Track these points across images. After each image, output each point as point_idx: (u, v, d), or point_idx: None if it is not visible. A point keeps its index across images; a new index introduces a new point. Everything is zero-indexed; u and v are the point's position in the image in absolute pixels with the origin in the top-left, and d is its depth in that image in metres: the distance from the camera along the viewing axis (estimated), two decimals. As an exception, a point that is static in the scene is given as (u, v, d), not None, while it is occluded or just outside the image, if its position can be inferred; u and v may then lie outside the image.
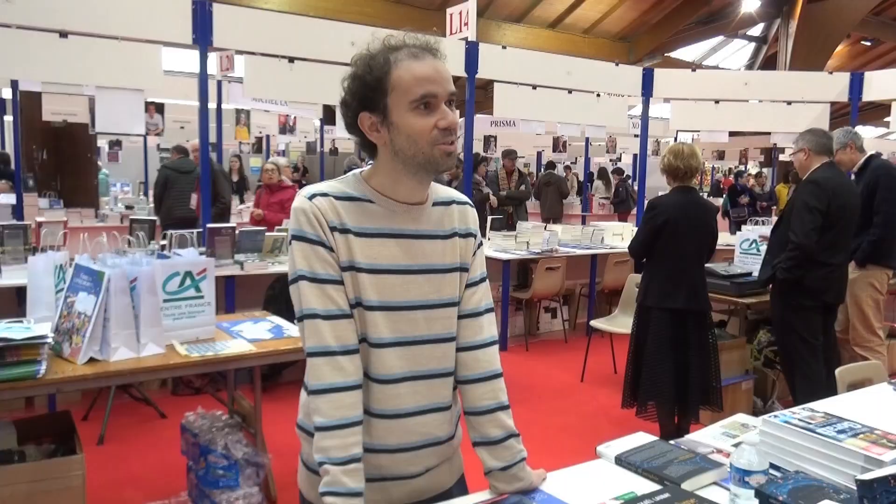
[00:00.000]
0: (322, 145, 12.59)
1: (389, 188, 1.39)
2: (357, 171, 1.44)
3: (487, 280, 1.55)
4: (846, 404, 1.95)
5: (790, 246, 3.79)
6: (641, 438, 1.76)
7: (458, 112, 1.37)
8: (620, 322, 5.28)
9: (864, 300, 4.46)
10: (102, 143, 12.70)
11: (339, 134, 9.53)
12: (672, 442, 1.75)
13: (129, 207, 9.68)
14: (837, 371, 2.67)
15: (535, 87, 6.50)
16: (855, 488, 1.17)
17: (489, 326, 1.51)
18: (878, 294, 4.52)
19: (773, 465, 1.45)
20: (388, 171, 1.38)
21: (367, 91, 1.32)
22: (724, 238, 5.28)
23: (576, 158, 15.56)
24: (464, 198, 1.53)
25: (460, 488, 1.58)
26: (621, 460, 1.64)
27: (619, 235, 7.41)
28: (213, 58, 5.40)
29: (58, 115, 7.78)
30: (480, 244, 1.54)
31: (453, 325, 1.47)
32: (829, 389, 2.77)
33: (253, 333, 3.03)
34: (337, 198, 1.36)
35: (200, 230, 4.72)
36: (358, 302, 1.36)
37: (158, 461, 3.70)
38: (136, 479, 3.51)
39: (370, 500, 1.40)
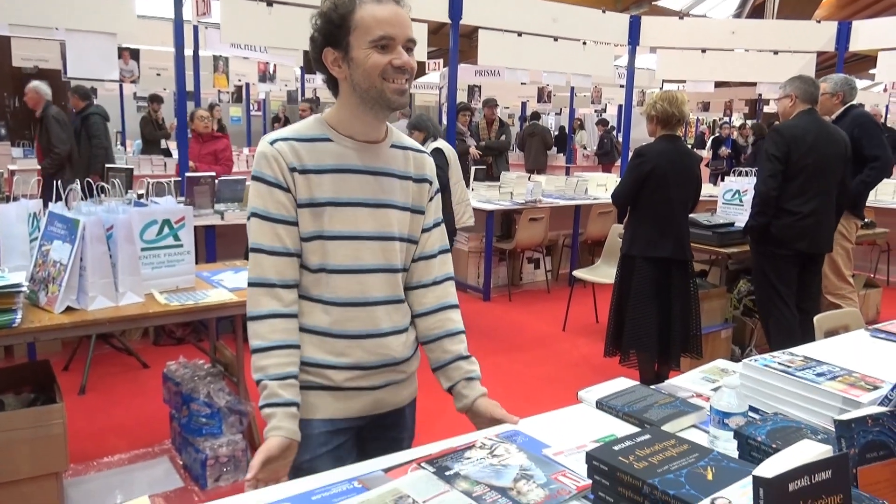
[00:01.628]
0: (303, 94, 12.36)
1: (348, 125, 1.49)
2: (318, 114, 1.55)
3: (443, 225, 1.67)
4: (825, 349, 1.97)
5: (754, 194, 3.85)
6: (622, 384, 1.77)
7: (414, 57, 1.47)
8: (603, 272, 5.31)
9: (835, 249, 4.51)
10: (77, 90, 12.34)
11: (321, 82, 9.34)
12: (652, 387, 1.76)
13: (106, 157, 9.46)
14: (815, 318, 2.70)
15: (520, 35, 6.38)
16: (833, 429, 1.18)
17: (441, 266, 1.65)
18: (847, 242, 4.58)
19: (752, 408, 1.46)
20: (348, 107, 1.48)
21: (332, 28, 1.42)
22: (706, 189, 5.29)
23: (560, 109, 15.42)
24: (422, 148, 1.65)
25: (411, 410, 1.70)
26: (602, 404, 1.65)
27: (602, 186, 7.40)
28: (188, 1, 5.22)
29: (29, 60, 7.54)
30: (438, 191, 1.65)
31: (402, 259, 1.57)
32: (807, 337, 2.81)
33: (234, 282, 3.00)
34: (297, 140, 1.46)
35: (177, 181, 4.63)
36: (320, 233, 1.46)
37: (141, 410, 3.70)
38: (118, 428, 3.51)
39: (331, 410, 1.52)
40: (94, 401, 3.84)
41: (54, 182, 2.87)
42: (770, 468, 0.88)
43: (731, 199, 5.18)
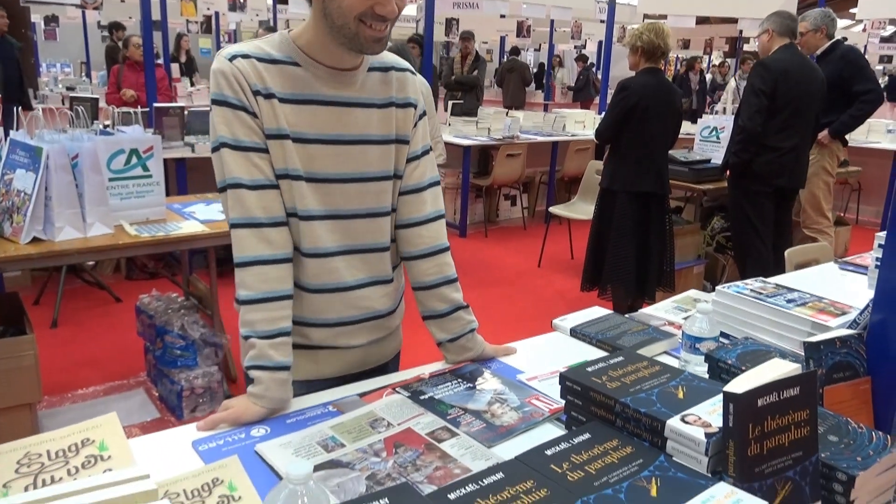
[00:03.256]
0: (275, 24, 11.95)
1: (318, 50, 1.28)
2: (285, 31, 1.33)
3: (432, 152, 1.48)
4: (795, 280, 2.00)
5: (737, 129, 3.84)
6: (596, 312, 1.78)
7: (401, 6, 1.24)
8: (579, 209, 5.32)
9: (816, 184, 4.55)
10: (37, 17, 11.82)
11: (294, 11, 9.01)
12: (626, 315, 1.78)
13: (70, 88, 9.15)
14: (786, 252, 2.74)
15: (499, -36, 6.18)
16: (801, 353, 1.20)
17: (433, 201, 1.46)
18: (829, 177, 4.62)
19: (723, 334, 1.48)
20: (316, 32, 1.27)
21: None
22: (683, 126, 5.28)
23: (539, 45, 15.15)
24: (405, 64, 1.43)
25: (395, 365, 1.58)
26: (576, 332, 1.67)
27: (580, 123, 7.34)
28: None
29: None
30: (423, 114, 1.45)
31: (388, 200, 1.41)
32: (778, 270, 2.85)
33: (206, 215, 2.95)
34: (259, 59, 1.25)
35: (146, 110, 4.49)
36: (286, 173, 1.28)
37: (115, 344, 3.68)
38: (92, 360, 3.49)
39: (309, 371, 1.41)
40: (66, 334, 3.81)
41: (14, 109, 2.76)
42: (740, 385, 0.89)
43: (708, 135, 5.18)
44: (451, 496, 0.85)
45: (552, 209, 5.43)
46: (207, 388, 2.92)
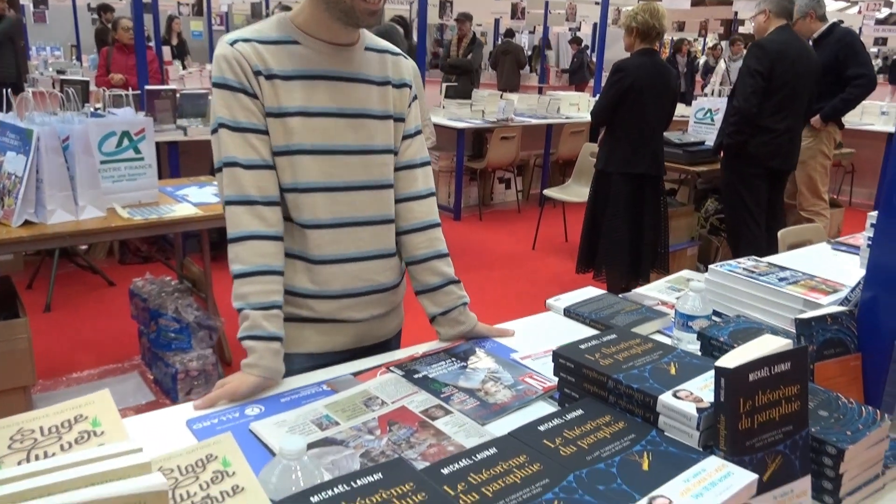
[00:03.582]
0: (268, 7, 11.85)
1: (315, 27, 1.33)
2: (283, 13, 1.38)
3: (423, 134, 1.54)
4: (788, 259, 2.01)
5: (732, 111, 3.82)
6: (590, 292, 1.79)
7: None
8: (573, 191, 5.31)
9: (814, 167, 4.55)
10: (26, 0, 11.68)
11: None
12: (619, 296, 1.78)
13: (60, 72, 9.06)
14: (779, 233, 2.74)
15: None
16: (793, 331, 1.20)
17: (425, 179, 1.51)
18: (826, 160, 4.62)
19: (715, 313, 1.49)
20: (312, 9, 1.32)
21: None
22: (678, 108, 5.27)
23: (534, 27, 15.06)
24: (397, 49, 1.49)
25: (397, 342, 1.60)
26: (570, 312, 1.67)
27: (575, 105, 7.32)
28: None
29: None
30: (416, 97, 1.51)
31: (389, 173, 1.45)
32: (771, 251, 2.86)
33: (199, 197, 2.94)
34: (260, 42, 1.30)
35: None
36: (288, 147, 1.32)
37: (109, 327, 3.67)
38: (86, 344, 3.49)
39: (315, 343, 1.43)
40: (60, 318, 3.80)
41: (3, 90, 2.74)
42: (732, 360, 0.90)
43: (702, 117, 5.18)
44: (445, 471, 0.85)
45: (546, 192, 5.42)
46: (202, 371, 2.92)
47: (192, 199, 2.89)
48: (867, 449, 0.99)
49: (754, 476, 0.84)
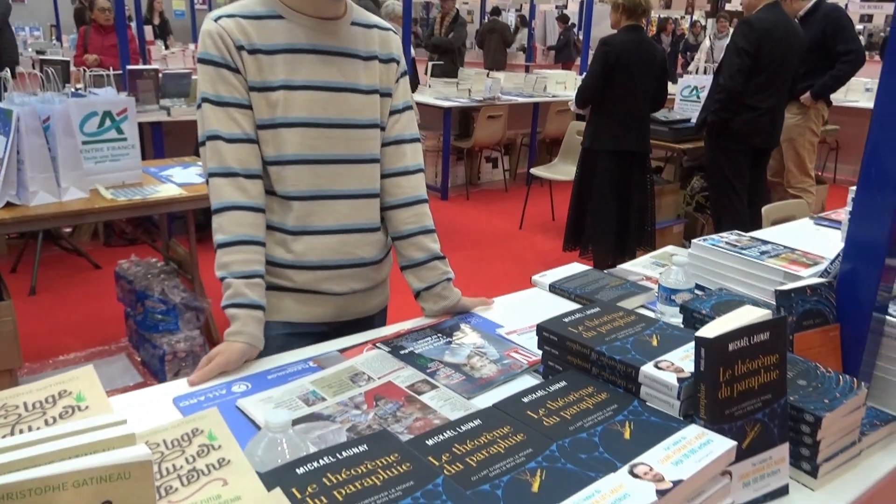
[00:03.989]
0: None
1: (298, 2, 1.35)
2: None
3: (413, 110, 1.54)
4: (771, 234, 2.03)
5: (717, 88, 3.83)
6: (576, 268, 1.80)
7: None
8: (560, 170, 5.32)
9: (802, 144, 4.58)
10: (2, -21, 11.43)
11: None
12: (605, 271, 1.80)
13: (39, 52, 8.91)
14: (763, 209, 2.76)
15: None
16: (774, 303, 1.22)
17: (413, 155, 1.51)
18: (814, 137, 4.65)
19: (698, 287, 1.50)
20: None
21: None
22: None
23: (521, 5, 14.95)
24: (386, 24, 1.50)
25: (381, 320, 1.61)
26: (555, 288, 1.69)
27: (562, 84, 7.30)
28: None
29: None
30: (404, 73, 1.51)
31: (373, 147, 1.45)
32: (754, 227, 2.88)
33: (183, 178, 2.92)
34: (244, 17, 1.32)
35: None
36: (272, 121, 1.34)
37: (95, 310, 3.66)
38: (73, 327, 3.48)
39: (294, 312, 1.44)
40: (46, 301, 3.78)
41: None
42: (712, 330, 0.91)
43: (688, 95, 5.18)
44: (429, 442, 0.87)
45: (533, 170, 5.43)
46: (190, 352, 2.92)
47: (177, 180, 2.87)
48: (844, 416, 1.01)
49: (733, 443, 0.86)
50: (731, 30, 8.31)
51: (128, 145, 2.77)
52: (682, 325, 1.31)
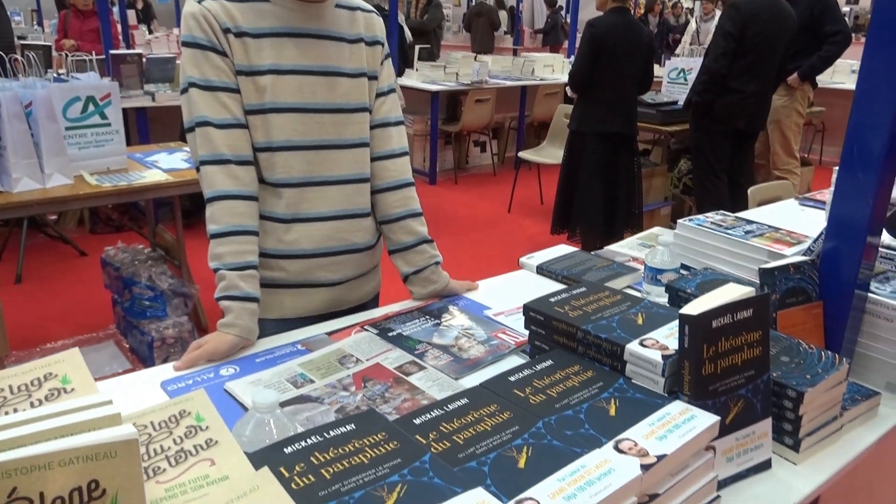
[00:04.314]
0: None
1: None
2: None
3: (397, 92, 1.53)
4: (756, 214, 2.04)
5: (703, 69, 3.85)
6: (563, 250, 1.81)
7: None
8: (548, 153, 5.32)
9: (789, 126, 4.60)
10: (-19, -37, 11.23)
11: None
12: (592, 252, 1.81)
13: (21, 37, 8.77)
14: (749, 190, 2.78)
15: None
16: (758, 281, 1.23)
17: (399, 137, 1.50)
18: (800, 119, 4.68)
19: (684, 266, 1.51)
20: None
21: None
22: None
23: (508, -12, 14.82)
24: (369, 6, 1.48)
25: (374, 306, 1.59)
26: (542, 269, 1.69)
27: (549, 67, 7.28)
28: None
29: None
30: (388, 55, 1.50)
31: (364, 132, 1.44)
32: (739, 207, 2.90)
33: (169, 163, 2.90)
34: None
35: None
36: (261, 106, 1.31)
37: (82, 298, 3.64)
38: (60, 315, 3.46)
39: (290, 307, 1.42)
40: (32, 290, 3.75)
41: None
42: (696, 307, 0.92)
43: (675, 77, 5.18)
44: (417, 421, 0.87)
45: (521, 154, 5.42)
46: (178, 339, 2.91)
47: (162, 166, 2.85)
48: (826, 392, 1.03)
49: (716, 418, 0.87)
50: (718, 12, 8.28)
51: (112, 131, 2.74)
52: (667, 305, 1.32)
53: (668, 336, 1.01)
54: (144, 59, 4.52)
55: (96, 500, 0.54)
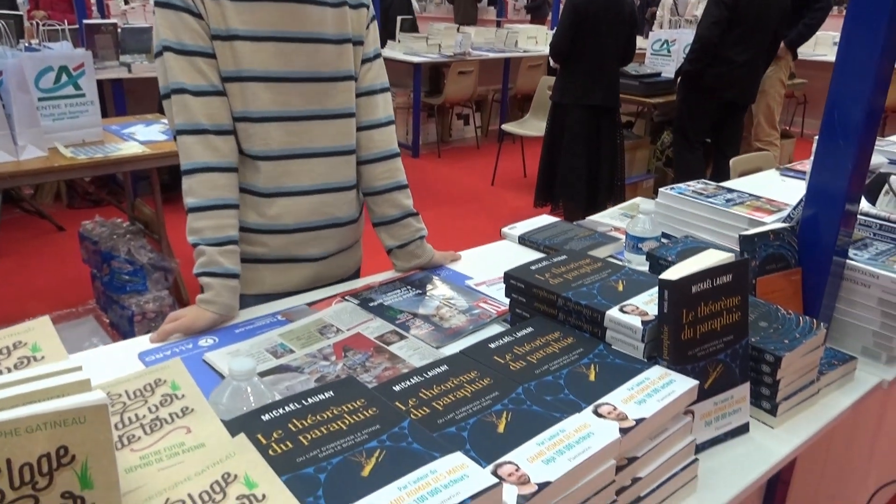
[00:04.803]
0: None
1: None
2: None
3: (382, 59, 1.47)
4: (738, 184, 2.05)
5: (694, 38, 3.84)
6: (545, 220, 1.80)
7: None
8: (532, 125, 5.29)
9: (773, 96, 4.61)
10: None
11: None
12: (574, 223, 1.80)
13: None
14: (731, 160, 2.79)
15: None
16: (738, 249, 1.23)
17: (385, 106, 1.45)
18: (783, 89, 4.69)
19: (665, 235, 1.52)
20: None
21: None
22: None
23: (491, -41, 14.61)
24: None
25: (355, 278, 1.57)
26: (524, 239, 1.69)
27: (533, 39, 7.21)
28: None
29: None
30: (373, 18, 1.43)
31: (348, 101, 1.39)
32: (722, 177, 2.91)
33: (146, 136, 2.85)
34: None
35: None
36: (237, 74, 1.25)
37: (61, 273, 3.59)
38: (38, 291, 3.41)
39: (270, 283, 1.40)
40: (9, 265, 3.69)
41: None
42: (675, 272, 0.92)
43: (659, 49, 5.16)
44: (396, 388, 0.87)
45: (505, 126, 5.39)
46: (159, 313, 2.89)
47: (139, 138, 2.80)
48: (803, 356, 1.04)
49: (694, 382, 0.88)
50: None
51: (86, 101, 2.69)
52: (648, 273, 1.32)
53: (648, 302, 1.01)
54: (120, 30, 4.42)
55: (66, 466, 0.53)
